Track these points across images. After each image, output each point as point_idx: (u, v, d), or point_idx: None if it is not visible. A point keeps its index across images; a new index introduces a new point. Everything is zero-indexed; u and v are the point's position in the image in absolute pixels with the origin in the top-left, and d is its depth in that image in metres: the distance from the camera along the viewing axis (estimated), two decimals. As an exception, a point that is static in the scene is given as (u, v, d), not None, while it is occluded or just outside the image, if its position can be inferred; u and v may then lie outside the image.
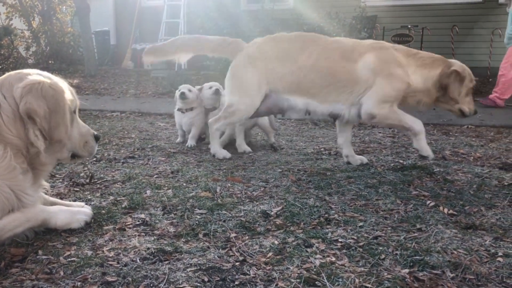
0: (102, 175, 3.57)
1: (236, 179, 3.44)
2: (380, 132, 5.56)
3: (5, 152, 2.17)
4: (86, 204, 2.81)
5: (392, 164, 3.91)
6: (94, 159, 4.08)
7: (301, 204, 2.88)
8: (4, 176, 2.17)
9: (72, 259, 2.14)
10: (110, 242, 2.34)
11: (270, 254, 2.23)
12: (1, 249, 2.23)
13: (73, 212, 2.50)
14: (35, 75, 2.33)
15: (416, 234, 2.45)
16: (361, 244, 2.33)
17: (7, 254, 2.19)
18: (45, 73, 2.44)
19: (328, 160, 4.07)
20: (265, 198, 3.03)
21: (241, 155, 4.32)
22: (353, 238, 2.39)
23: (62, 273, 2.02)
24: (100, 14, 15.59)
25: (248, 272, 2.06)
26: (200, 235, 2.44)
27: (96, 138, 2.70)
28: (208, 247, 2.30)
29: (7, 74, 2.39)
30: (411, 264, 2.13)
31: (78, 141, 2.52)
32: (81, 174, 3.58)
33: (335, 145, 4.73)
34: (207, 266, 2.11)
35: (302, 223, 2.60)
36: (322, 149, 4.55)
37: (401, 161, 4.00)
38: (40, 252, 2.22)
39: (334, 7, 9.90)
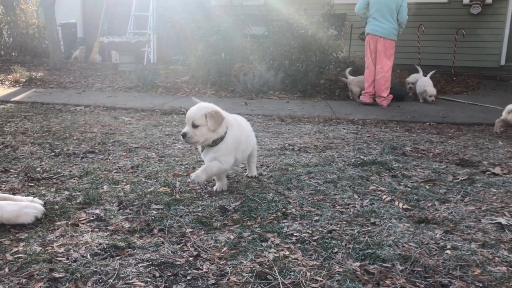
0: (59, 170, 3.48)
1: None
2: (344, 129, 5.63)
3: None
4: (38, 198, 2.73)
5: (353, 160, 3.96)
6: (52, 153, 3.98)
7: (259, 199, 2.88)
8: None
9: (19, 255, 2.08)
10: (61, 238, 2.28)
11: (225, 249, 2.23)
12: None
13: (22, 206, 2.43)
14: None
15: (369, 228, 2.49)
16: (315, 238, 2.36)
17: (-50, 251, 2.11)
18: None
19: (291, 156, 4.09)
20: (224, 193, 3.02)
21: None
22: (308, 232, 2.42)
23: (7, 270, 1.96)
24: (67, 6, 15.19)
25: (201, 267, 2.05)
26: (155, 231, 2.42)
27: None
28: (163, 243, 2.28)
29: None
30: (363, 257, 2.16)
31: None
32: (37, 169, 3.49)
33: (300, 141, 4.77)
34: (159, 261, 2.09)
35: (259, 218, 2.60)
36: (287, 144, 4.57)
37: (362, 157, 4.06)
38: (-14, 248, 2.15)
39: (303, 4, 9.94)
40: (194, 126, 2.89)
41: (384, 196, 3.00)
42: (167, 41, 10.14)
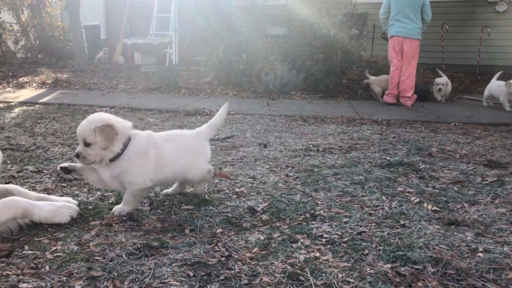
0: (90, 171, 3.56)
1: (224, 175, 3.46)
2: (368, 129, 5.61)
3: None
4: (72, 198, 2.81)
5: (379, 161, 3.95)
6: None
7: (287, 200, 2.90)
8: None
9: (58, 254, 2.15)
10: (97, 238, 2.35)
11: (255, 249, 2.26)
12: (-13, 244, 2.24)
13: (58, 206, 2.50)
14: None
15: (399, 230, 2.49)
16: (345, 239, 2.37)
17: (-8, 249, 2.19)
18: None
19: (316, 157, 4.10)
20: (252, 194, 3.06)
21: (230, 151, 4.34)
22: (337, 234, 2.43)
23: (47, 268, 2.03)
24: (91, 8, 15.46)
25: (233, 267, 2.09)
26: (187, 231, 2.46)
27: None
28: (194, 243, 2.32)
29: None
30: (394, 259, 2.17)
31: None
32: (69, 170, 3.58)
33: (324, 142, 4.77)
34: (192, 261, 2.13)
35: (288, 219, 2.63)
36: (311, 145, 4.58)
37: (388, 158, 4.05)
38: (26, 247, 2.23)
39: (325, 3, 9.92)
40: (86, 144, 2.51)
41: (413, 198, 2.99)
42: (189, 43, 10.24)
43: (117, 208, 2.64)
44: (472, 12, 11.56)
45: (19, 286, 1.87)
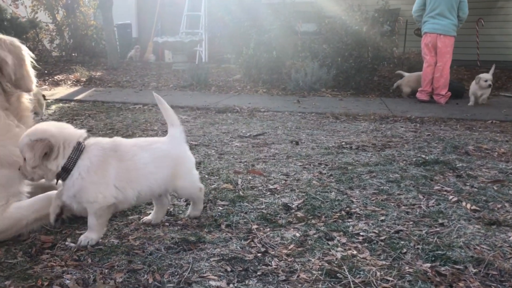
0: (126, 166, 3.64)
1: (257, 172, 3.47)
2: (402, 127, 5.51)
3: None
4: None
5: (414, 159, 3.88)
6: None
7: (322, 198, 2.89)
8: (5, 135, 2.31)
9: (99, 247, 2.20)
10: (136, 232, 2.40)
11: (291, 246, 2.26)
12: (32, 236, 2.32)
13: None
14: None
15: (438, 229, 2.45)
16: (382, 238, 2.34)
17: (37, 241, 2.27)
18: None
19: (349, 154, 4.06)
20: (286, 191, 3.06)
21: (262, 148, 4.35)
22: (374, 232, 2.40)
23: (89, 260, 2.09)
24: (122, 7, 15.74)
25: (270, 263, 2.09)
26: (223, 226, 2.49)
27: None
28: (231, 238, 2.34)
29: None
30: (433, 258, 2.13)
31: (37, 98, 2.63)
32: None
33: (357, 139, 4.72)
34: (229, 256, 2.15)
35: (323, 216, 2.61)
36: (343, 143, 4.54)
37: (423, 156, 3.97)
38: (68, 239, 2.29)
39: (357, 0, 9.81)
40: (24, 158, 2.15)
41: (451, 197, 2.93)
42: (219, 41, 10.29)
43: (82, 239, 2.23)
44: (509, 6, 11.20)
45: (64, 277, 1.93)
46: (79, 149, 2.18)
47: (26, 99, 2.55)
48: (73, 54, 14.66)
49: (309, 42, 9.68)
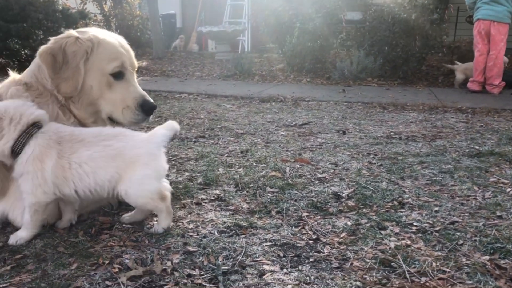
0: (176, 153, 3.72)
1: (305, 161, 3.46)
2: (453, 117, 5.34)
3: (53, 108, 2.33)
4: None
5: (467, 150, 3.76)
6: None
7: (373, 187, 2.85)
8: None
9: (155, 229, 2.27)
10: (189, 215, 2.45)
11: (343, 234, 2.25)
12: (91, 216, 2.42)
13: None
14: (81, 32, 2.40)
15: (496, 222, 2.36)
16: (437, 228, 2.29)
17: (96, 221, 2.37)
18: (102, 32, 2.48)
19: (399, 145, 3.98)
20: (335, 180, 3.04)
21: (308, 137, 4.33)
22: (428, 223, 2.35)
23: (147, 241, 2.16)
24: (167, -3, 16.00)
25: (322, 250, 2.09)
26: (273, 213, 2.50)
27: (146, 110, 2.44)
28: (281, 224, 2.36)
29: None
30: (492, 251, 2.06)
31: (117, 105, 2.40)
32: (156, 151, 3.76)
33: (406, 130, 4.62)
34: (281, 242, 2.16)
35: (375, 206, 2.58)
36: (392, 133, 4.45)
37: (477, 147, 3.83)
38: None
39: (405, -13, 9.53)
40: None
41: (508, 189, 2.82)
42: (264, 29, 10.26)
43: (11, 237, 2.13)
44: None
45: (123, 256, 2.01)
46: (28, 133, 2.09)
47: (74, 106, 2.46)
48: (120, 45, 15.01)
49: (354, 30, 9.51)
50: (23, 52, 10.83)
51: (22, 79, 2.39)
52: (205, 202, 2.65)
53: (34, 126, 2.13)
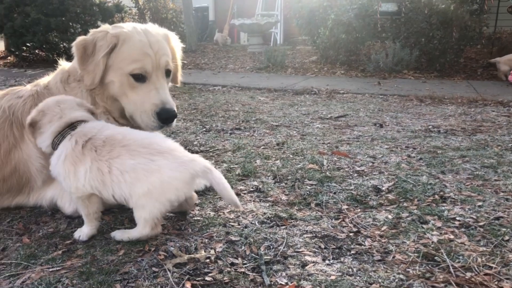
0: (213, 144, 3.77)
1: (342, 153, 3.44)
2: (493, 111, 5.19)
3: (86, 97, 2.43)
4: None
5: (510, 145, 3.65)
6: (204, 129, 4.32)
7: (413, 181, 2.82)
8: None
9: (197, 218, 2.32)
10: (229, 206, 2.49)
11: (384, 227, 2.24)
12: (135, 205, 2.49)
13: (194, 176, 2.67)
14: (116, 27, 2.44)
15: (543, 218, 2.30)
16: (481, 224, 2.25)
17: (140, 210, 2.43)
18: (140, 27, 2.47)
19: (438, 138, 3.90)
20: (374, 173, 3.01)
21: (344, 130, 4.30)
22: (472, 218, 2.31)
23: (190, 230, 2.21)
24: (200, -10, 16.08)
25: (363, 243, 2.09)
26: (312, 205, 2.51)
27: (163, 118, 2.36)
28: (321, 217, 2.37)
29: None
30: (540, 248, 2.01)
31: (136, 107, 2.39)
32: (195, 143, 3.82)
33: (444, 123, 4.52)
34: (322, 234, 2.17)
35: (415, 200, 2.55)
36: (430, 126, 4.37)
37: (521, 142, 3.73)
38: (168, 210, 2.43)
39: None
40: None
41: (556, 185, 2.74)
42: (298, 21, 10.20)
43: (76, 232, 2.17)
44: None
45: (167, 244, 2.06)
46: (63, 134, 2.13)
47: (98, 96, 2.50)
48: (154, 37, 15.21)
49: (389, 22, 9.33)
50: (61, 45, 11.15)
51: (66, 67, 2.53)
52: (244, 193, 2.68)
53: (71, 127, 2.15)
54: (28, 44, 11.15)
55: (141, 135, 2.15)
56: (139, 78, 2.37)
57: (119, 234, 2.11)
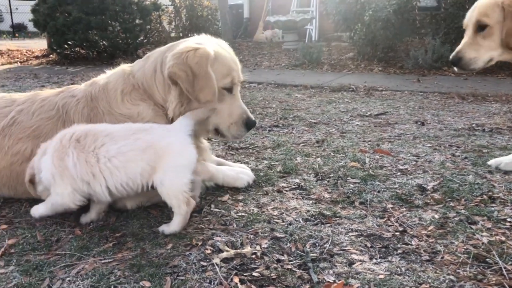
0: (252, 141, 3.79)
1: (385, 152, 3.40)
2: (541, 109, 5.00)
3: (154, 114, 2.43)
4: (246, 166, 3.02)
5: (561, 144, 3.51)
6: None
7: (459, 181, 2.75)
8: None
9: (241, 214, 2.35)
10: (272, 202, 2.50)
11: (431, 227, 2.20)
12: (180, 200, 2.53)
13: (238, 171, 2.73)
14: (193, 43, 2.40)
15: None
16: (534, 226, 2.18)
17: (185, 205, 2.48)
18: (216, 41, 2.54)
19: (482, 137, 3.80)
20: (418, 172, 2.96)
21: (385, 127, 4.24)
22: (524, 219, 2.24)
23: (235, 225, 2.23)
24: (235, -13, 16.14)
25: (410, 243, 2.07)
26: (356, 203, 2.49)
27: (249, 125, 2.55)
28: (366, 215, 2.35)
29: (181, 42, 2.51)
30: None
31: (224, 119, 2.48)
32: (234, 139, 3.85)
33: (489, 121, 4.39)
34: (367, 232, 2.16)
35: (462, 200, 2.50)
36: (474, 125, 4.25)
37: None
38: (212, 205, 2.47)
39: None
40: None
41: None
42: (334, 17, 10.10)
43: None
44: None
45: (214, 238, 2.10)
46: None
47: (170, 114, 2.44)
48: (189, 35, 15.35)
49: (429, 18, 9.11)
50: (101, 43, 11.44)
51: (132, 77, 2.49)
52: (286, 190, 2.69)
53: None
54: (69, 42, 11.49)
55: (120, 125, 2.27)
56: (227, 90, 2.46)
57: (167, 228, 2.16)
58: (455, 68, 2.99)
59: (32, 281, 1.81)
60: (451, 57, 2.99)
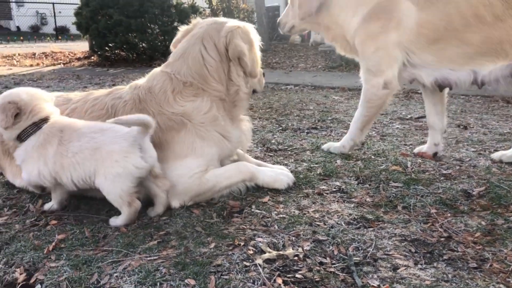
0: (291, 143, 3.79)
1: (427, 156, 3.33)
2: None
3: (211, 106, 2.52)
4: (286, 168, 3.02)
5: None
6: (280, 128, 4.36)
7: (507, 187, 2.67)
8: (211, 124, 2.51)
9: (282, 216, 2.36)
10: (313, 205, 2.50)
11: (478, 234, 2.14)
12: (221, 200, 2.57)
13: (278, 173, 2.73)
14: (230, 21, 2.61)
15: None
16: None
17: (227, 205, 2.51)
18: (234, 20, 2.67)
19: (530, 142, 3.67)
20: (462, 177, 2.89)
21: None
22: None
23: (276, 227, 2.24)
24: (271, -10, 16.18)
25: (456, 249, 2.02)
26: (399, 208, 2.46)
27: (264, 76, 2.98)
28: (409, 220, 2.31)
29: (202, 25, 2.64)
30: None
31: (258, 78, 2.81)
32: (272, 141, 3.86)
33: (537, 126, 4.23)
34: (411, 238, 2.12)
35: (511, 206, 2.42)
36: (521, 129, 4.11)
37: None
38: (253, 206, 2.49)
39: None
40: None
41: None
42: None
43: (46, 205, 2.52)
44: None
45: (256, 239, 2.11)
46: (37, 124, 2.32)
47: (244, 92, 2.68)
48: (226, 37, 15.54)
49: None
50: (140, 45, 11.70)
51: (177, 75, 2.56)
52: (327, 193, 2.67)
53: (44, 121, 2.35)
54: (110, 45, 11.83)
55: (88, 122, 2.39)
56: None
57: (113, 221, 2.30)
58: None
59: (82, 275, 1.87)
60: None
